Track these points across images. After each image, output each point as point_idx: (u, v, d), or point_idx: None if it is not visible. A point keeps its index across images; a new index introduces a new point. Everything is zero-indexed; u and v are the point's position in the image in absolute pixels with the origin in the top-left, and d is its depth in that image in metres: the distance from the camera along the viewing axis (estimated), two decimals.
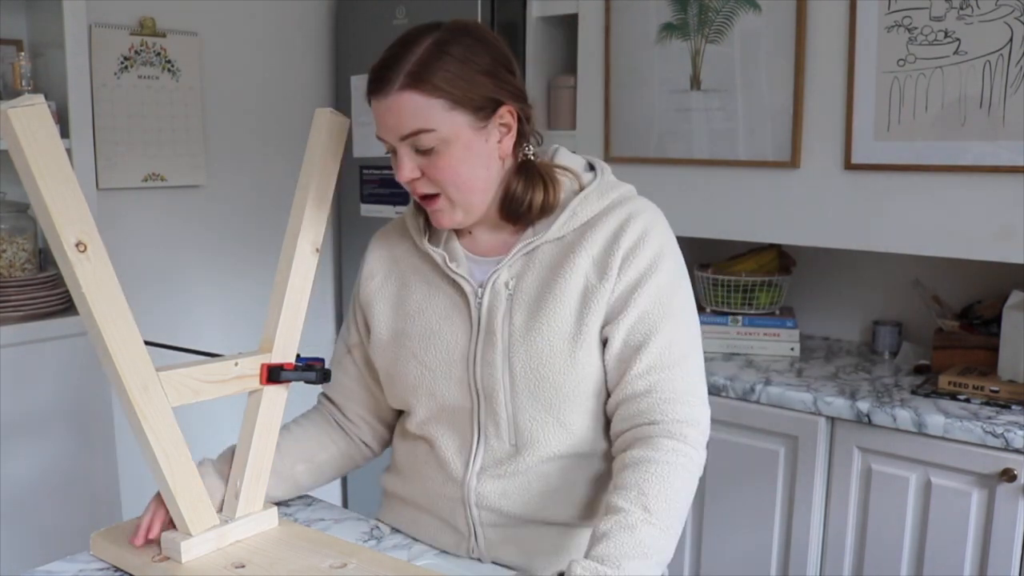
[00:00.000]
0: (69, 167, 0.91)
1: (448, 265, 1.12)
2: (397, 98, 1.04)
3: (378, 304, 1.20)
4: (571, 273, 1.08)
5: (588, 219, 1.10)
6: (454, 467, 1.13)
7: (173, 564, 1.04)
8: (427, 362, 1.13)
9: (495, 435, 1.10)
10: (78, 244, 0.92)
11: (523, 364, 1.07)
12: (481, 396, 1.10)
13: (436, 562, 1.11)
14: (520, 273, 1.10)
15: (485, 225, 1.15)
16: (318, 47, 2.74)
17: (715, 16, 1.95)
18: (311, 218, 1.12)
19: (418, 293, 1.16)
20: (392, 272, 1.21)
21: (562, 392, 1.07)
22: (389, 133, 1.06)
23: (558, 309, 1.07)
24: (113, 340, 0.96)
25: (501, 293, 1.10)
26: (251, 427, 1.12)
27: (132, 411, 0.98)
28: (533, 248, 1.10)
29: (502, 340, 1.08)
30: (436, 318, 1.13)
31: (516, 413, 1.09)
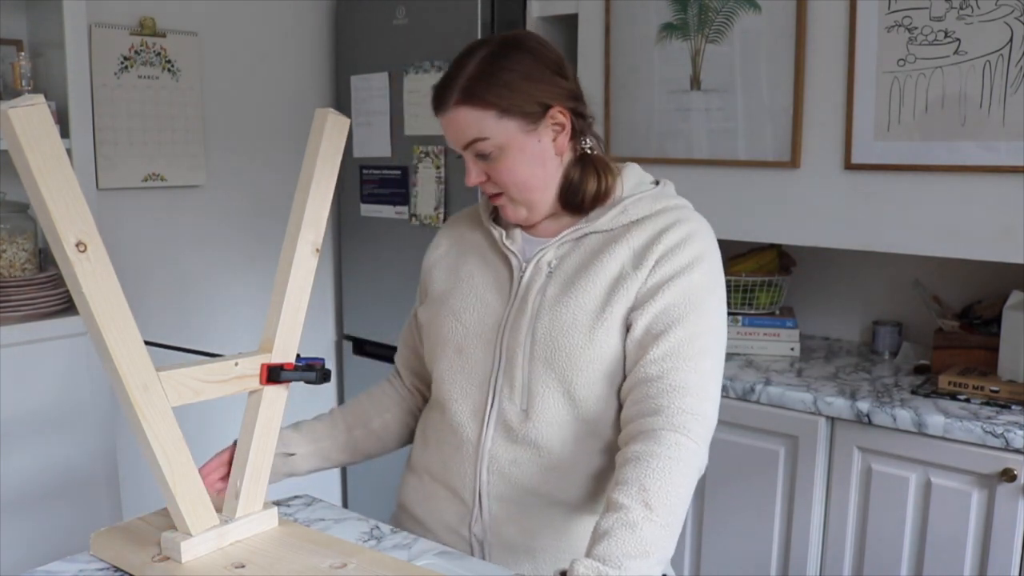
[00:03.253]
0: (69, 167, 0.91)
1: (503, 241, 1.22)
2: (454, 113, 1.15)
3: (436, 270, 1.31)
4: (609, 259, 1.15)
5: (638, 218, 1.18)
6: (469, 430, 1.19)
7: (173, 564, 1.04)
8: (464, 319, 1.22)
9: (508, 397, 1.16)
10: (78, 244, 0.92)
11: (545, 331, 1.14)
12: (503, 357, 1.17)
13: (436, 562, 1.11)
14: (565, 255, 1.19)
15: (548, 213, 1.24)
16: (318, 47, 2.74)
17: (715, 16, 1.95)
18: (311, 218, 1.12)
19: (472, 263, 1.27)
20: (455, 245, 1.32)
21: (575, 364, 1.12)
22: (452, 143, 1.19)
23: (589, 288, 1.14)
24: (113, 340, 0.96)
25: (543, 270, 1.19)
26: (251, 427, 1.12)
27: (132, 411, 0.98)
28: (582, 235, 1.19)
29: (532, 308, 1.16)
30: (482, 285, 1.23)
31: (531, 377, 1.15)
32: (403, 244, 2.56)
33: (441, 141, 2.40)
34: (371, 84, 2.58)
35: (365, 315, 2.73)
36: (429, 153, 2.43)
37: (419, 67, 2.43)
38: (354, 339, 2.78)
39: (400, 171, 2.53)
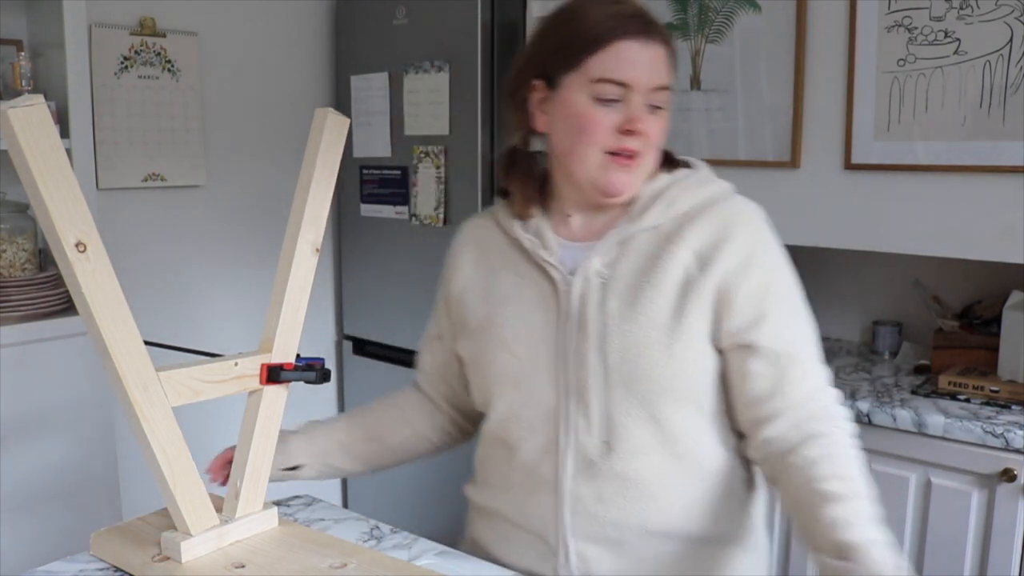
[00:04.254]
0: (69, 167, 0.91)
1: (538, 252, 1.11)
2: (661, 50, 1.05)
3: (468, 296, 1.18)
4: (670, 263, 1.05)
5: (686, 210, 1.08)
6: (543, 469, 1.08)
7: (173, 564, 1.04)
8: (516, 351, 1.10)
9: (585, 431, 1.06)
10: (78, 244, 0.92)
11: (618, 354, 1.04)
12: (571, 390, 1.06)
13: (436, 562, 1.11)
14: (614, 261, 1.07)
15: (583, 208, 1.13)
16: (318, 47, 2.74)
17: (715, 16, 1.95)
18: (311, 218, 1.12)
19: (507, 282, 1.14)
20: (481, 262, 1.19)
21: (658, 385, 1.03)
22: (643, 79, 1.03)
23: (656, 298, 1.04)
24: (113, 340, 0.96)
25: (593, 281, 1.07)
26: (251, 427, 1.12)
27: (132, 411, 0.98)
28: (628, 236, 1.08)
29: (595, 330, 1.05)
30: (526, 306, 1.11)
31: (609, 407, 1.05)
32: (403, 244, 2.56)
33: (441, 141, 2.40)
34: (371, 84, 2.58)
35: (365, 315, 2.73)
36: (429, 153, 2.43)
37: (419, 67, 2.43)
38: (354, 339, 2.78)
39: (400, 171, 2.53)
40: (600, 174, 1.06)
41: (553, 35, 1.09)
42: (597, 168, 1.06)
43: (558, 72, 1.07)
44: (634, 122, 1.04)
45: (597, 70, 1.03)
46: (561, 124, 1.08)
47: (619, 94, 1.03)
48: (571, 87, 1.05)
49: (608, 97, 1.04)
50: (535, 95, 1.10)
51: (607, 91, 1.03)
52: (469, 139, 2.32)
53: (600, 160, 1.05)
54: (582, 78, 1.04)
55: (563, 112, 1.07)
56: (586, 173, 1.07)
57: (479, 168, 2.31)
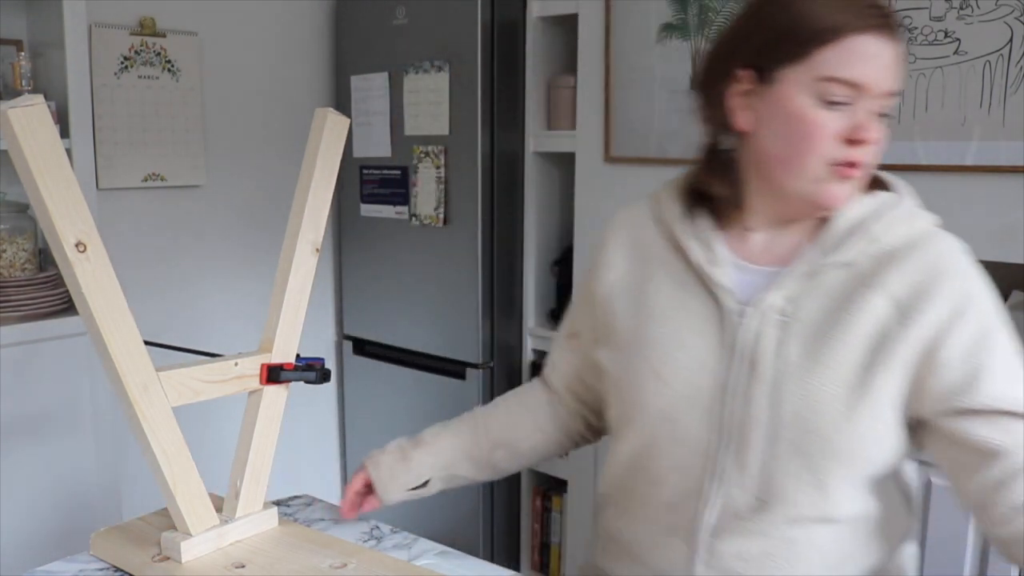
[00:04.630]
0: (69, 167, 0.91)
1: (708, 269, 0.98)
2: (897, 49, 0.91)
3: (618, 301, 1.05)
4: (863, 310, 0.91)
5: (889, 249, 0.94)
6: (684, 514, 0.98)
7: (173, 564, 1.04)
8: (669, 380, 0.97)
9: (737, 483, 0.94)
10: (78, 244, 0.92)
11: (793, 407, 0.91)
12: (730, 434, 0.94)
13: (436, 562, 1.11)
14: (798, 296, 0.94)
15: (770, 225, 0.99)
16: (318, 47, 2.74)
17: (715, 16, 1.95)
18: (311, 218, 1.12)
19: (664, 294, 1.01)
20: (635, 262, 1.05)
21: (831, 448, 0.90)
22: (878, 82, 0.89)
23: (843, 350, 0.91)
24: (113, 340, 0.96)
25: (771, 317, 0.94)
26: (251, 427, 1.12)
27: (132, 411, 0.98)
28: (818, 269, 0.94)
29: (770, 375, 0.92)
30: (684, 329, 0.98)
31: (771, 462, 0.92)
32: (403, 244, 2.56)
33: (441, 141, 2.40)
34: (371, 84, 2.58)
35: (365, 315, 2.73)
36: (429, 153, 2.43)
37: (419, 67, 2.43)
38: (354, 339, 2.78)
39: (400, 171, 2.53)
40: (817, 187, 0.93)
41: (772, 18, 0.93)
42: (815, 180, 0.93)
43: (775, 63, 0.92)
44: (863, 131, 0.90)
45: (827, 67, 0.89)
46: (774, 126, 0.93)
47: (849, 96, 0.90)
48: (791, 83, 0.91)
49: (836, 100, 0.90)
50: (738, 87, 0.95)
51: (836, 92, 0.89)
52: (469, 139, 2.33)
53: (821, 172, 0.92)
54: (806, 74, 0.90)
55: (778, 112, 0.92)
56: (801, 184, 0.93)
57: (479, 168, 2.31)
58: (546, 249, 2.44)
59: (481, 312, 2.38)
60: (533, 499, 2.47)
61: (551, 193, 2.43)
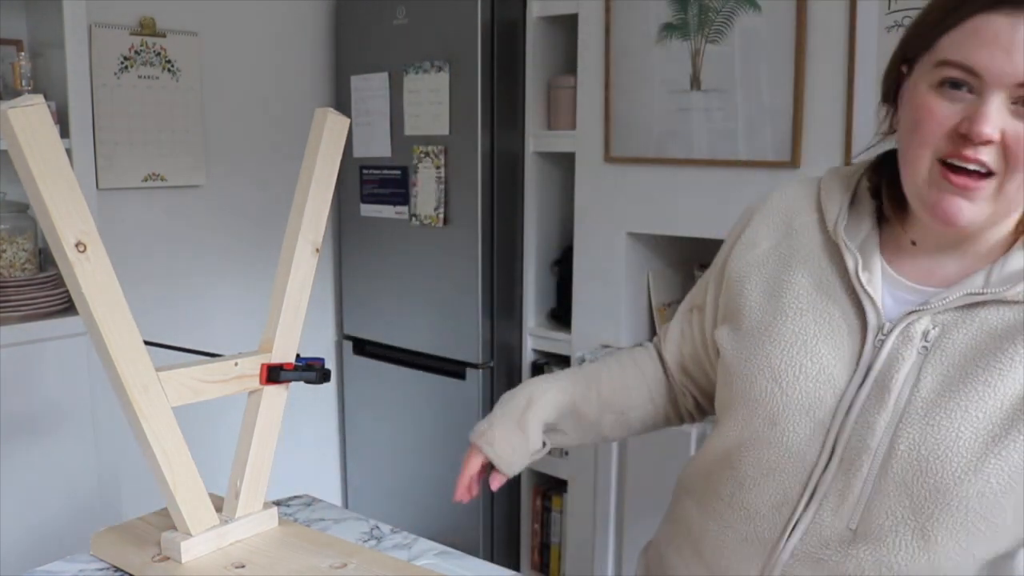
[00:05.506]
0: (69, 167, 0.91)
1: (859, 275, 0.89)
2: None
3: (751, 283, 0.97)
4: (1020, 356, 0.80)
5: None
6: (766, 527, 0.90)
7: (173, 564, 1.04)
8: (783, 382, 0.90)
9: (833, 509, 0.86)
10: (78, 244, 0.92)
11: (911, 444, 0.82)
12: (837, 455, 0.86)
13: (436, 562, 1.11)
14: (949, 326, 0.84)
15: (933, 240, 0.88)
16: (318, 47, 2.74)
17: (715, 16, 1.95)
18: (311, 218, 1.12)
19: (803, 288, 0.92)
20: (781, 246, 0.96)
21: (944, 499, 0.81)
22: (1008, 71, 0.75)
23: (987, 394, 0.80)
24: (113, 340, 0.96)
25: (914, 342, 0.84)
26: (251, 427, 1.12)
27: (132, 411, 0.98)
28: (979, 301, 0.83)
29: (896, 405, 0.84)
30: (816, 335, 0.90)
31: (874, 497, 0.84)
32: (403, 244, 2.56)
33: (441, 141, 2.40)
34: (371, 84, 2.58)
35: (365, 315, 2.73)
36: (429, 153, 2.43)
37: (419, 67, 2.43)
38: (354, 339, 2.78)
39: (400, 171, 2.53)
40: (928, 190, 0.82)
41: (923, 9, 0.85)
42: (926, 181, 0.82)
43: (915, 53, 0.84)
44: (975, 122, 0.77)
45: (944, 50, 0.80)
46: (903, 117, 0.86)
47: (969, 82, 0.78)
48: (920, 72, 0.83)
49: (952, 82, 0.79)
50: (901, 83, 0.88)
51: (949, 75, 0.79)
52: (469, 139, 2.33)
53: (931, 170, 0.82)
54: (930, 60, 0.81)
55: (906, 102, 0.85)
56: (913, 186, 0.84)
57: (479, 168, 2.31)
58: (546, 249, 2.44)
59: (481, 312, 2.38)
60: (533, 499, 2.47)
61: (551, 193, 2.43)
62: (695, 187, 2.02)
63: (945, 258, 0.88)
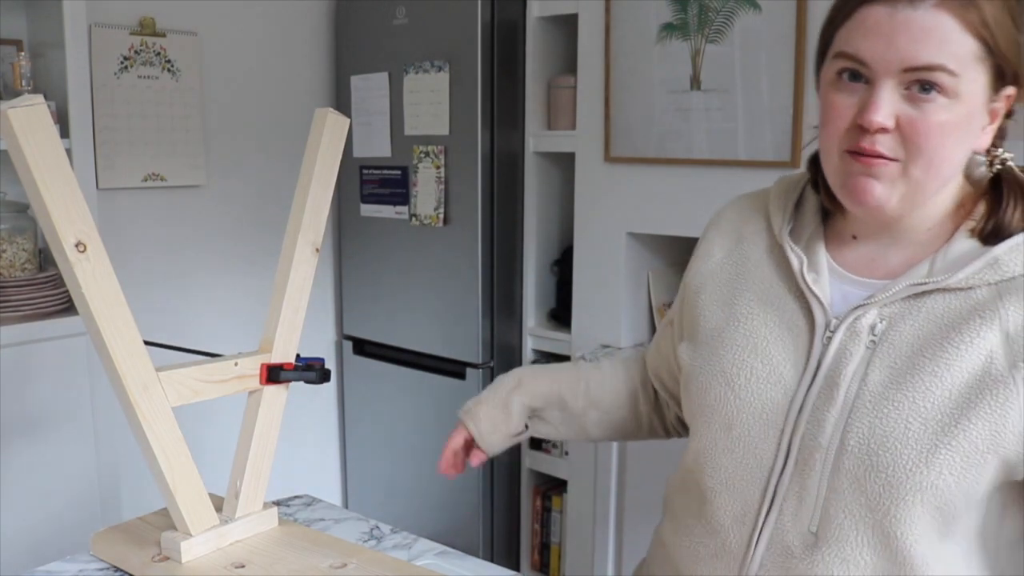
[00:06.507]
0: (69, 167, 0.91)
1: (804, 276, 0.90)
2: (931, 16, 0.76)
3: (706, 293, 0.98)
4: (970, 344, 0.80)
5: (1013, 276, 0.81)
6: (732, 539, 0.90)
7: (173, 564, 1.04)
8: (736, 386, 0.90)
9: (793, 513, 0.86)
10: (78, 244, 0.92)
11: (861, 439, 0.82)
12: (792, 456, 0.86)
13: (436, 562, 1.11)
14: (895, 318, 0.84)
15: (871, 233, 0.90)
16: (318, 47, 2.74)
17: (715, 16, 1.95)
18: (311, 218, 1.12)
19: (752, 293, 0.94)
20: (733, 256, 0.98)
21: (897, 492, 0.80)
22: (891, 57, 0.78)
23: (935, 384, 0.80)
24: (113, 340, 0.96)
25: (862, 337, 0.85)
26: (251, 427, 1.12)
27: (132, 411, 0.98)
28: (924, 291, 0.83)
29: (845, 398, 0.84)
30: (764, 336, 0.91)
31: (830, 495, 0.84)
32: (403, 244, 2.56)
33: (441, 141, 2.40)
34: (371, 84, 2.58)
35: (365, 315, 2.73)
36: (429, 153, 2.43)
37: (419, 67, 2.43)
38: (354, 339, 2.78)
39: (400, 171, 2.53)
40: (840, 176, 0.85)
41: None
42: (837, 169, 0.85)
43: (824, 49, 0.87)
44: (865, 111, 0.79)
45: (839, 43, 0.83)
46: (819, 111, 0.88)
47: (862, 73, 0.81)
48: (825, 66, 0.86)
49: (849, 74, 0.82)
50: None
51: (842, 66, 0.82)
52: (469, 139, 2.33)
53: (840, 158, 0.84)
54: (831, 55, 0.85)
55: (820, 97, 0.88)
56: (830, 173, 0.87)
57: (479, 168, 2.31)
58: (546, 249, 2.44)
59: (481, 312, 2.38)
60: (533, 499, 2.47)
61: (551, 193, 2.43)
62: (695, 187, 2.02)
63: (887, 250, 0.89)
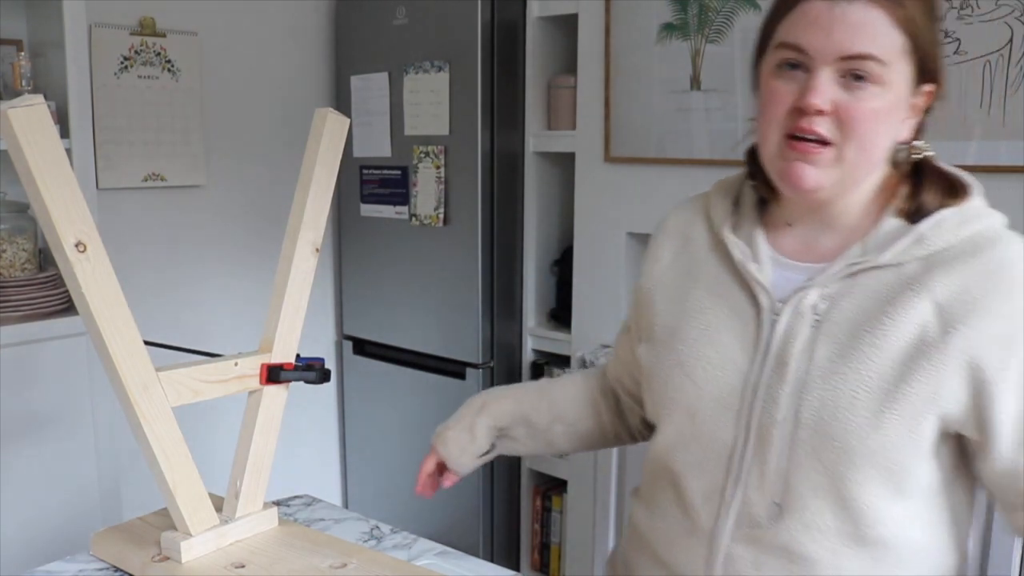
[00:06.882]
0: (69, 167, 0.91)
1: (747, 265, 0.96)
2: (864, 11, 0.84)
3: (659, 293, 1.04)
4: (904, 315, 0.86)
5: (938, 250, 0.88)
6: (702, 516, 0.96)
7: (173, 564, 1.04)
8: (695, 376, 0.96)
9: (757, 486, 0.92)
10: (78, 244, 0.92)
11: (814, 411, 0.88)
12: (751, 434, 0.92)
13: (436, 562, 1.11)
14: (836, 297, 0.90)
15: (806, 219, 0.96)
16: (318, 47, 2.74)
17: (715, 16, 1.95)
18: (311, 218, 1.12)
19: (703, 290, 0.99)
20: (680, 257, 1.04)
21: (850, 456, 0.86)
22: (829, 46, 0.85)
23: (876, 355, 0.86)
24: (113, 340, 0.96)
25: (806, 316, 0.91)
26: (251, 427, 1.12)
27: (132, 411, 0.98)
28: (859, 270, 0.90)
29: (795, 376, 0.90)
30: (718, 327, 0.96)
31: (789, 466, 0.89)
32: (403, 244, 2.56)
33: (441, 141, 2.40)
34: (371, 84, 2.58)
35: (365, 315, 2.73)
36: (429, 153, 2.43)
37: (419, 67, 2.43)
38: (354, 339, 2.78)
39: (400, 171, 2.53)
40: (778, 162, 0.91)
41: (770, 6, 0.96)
42: (775, 155, 0.91)
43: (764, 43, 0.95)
44: (805, 95, 0.86)
45: (780, 35, 0.90)
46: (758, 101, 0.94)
47: (800, 61, 0.88)
48: (766, 58, 0.93)
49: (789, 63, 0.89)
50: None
51: (783, 56, 0.89)
52: (469, 139, 2.33)
53: (779, 144, 0.90)
54: (771, 46, 0.92)
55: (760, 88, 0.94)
56: (768, 159, 0.93)
57: (479, 168, 2.31)
58: (546, 249, 2.44)
59: (481, 312, 2.38)
60: (533, 499, 2.47)
61: (551, 193, 2.43)
62: (695, 187, 2.01)
63: (821, 235, 0.95)
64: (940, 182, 0.93)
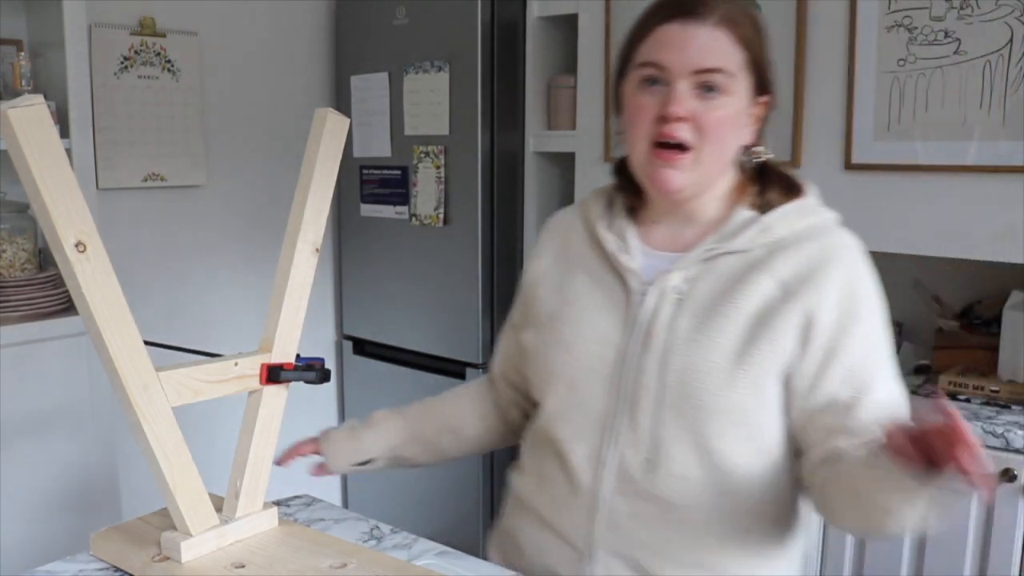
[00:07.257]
0: (69, 167, 0.91)
1: (619, 256, 1.08)
2: (711, 31, 0.99)
3: (542, 286, 1.17)
4: (751, 291, 1.01)
5: (780, 237, 1.04)
6: (584, 476, 1.07)
7: (173, 564, 1.04)
8: (575, 352, 1.08)
9: (630, 444, 1.04)
10: (78, 244, 0.92)
11: (676, 374, 1.01)
12: (624, 400, 1.04)
13: (436, 562, 1.11)
14: (694, 279, 1.04)
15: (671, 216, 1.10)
16: (318, 47, 2.74)
17: None
18: (311, 218, 1.12)
19: (580, 280, 1.12)
20: (561, 256, 1.17)
21: (709, 413, 1.00)
22: (684, 62, 0.99)
23: (727, 325, 1.00)
24: (113, 340, 0.96)
25: (669, 295, 1.04)
26: (251, 427, 1.12)
27: (132, 411, 0.98)
28: (714, 256, 1.05)
29: (659, 345, 1.03)
30: (594, 308, 1.09)
31: (658, 425, 1.02)
32: (403, 244, 2.56)
33: (441, 141, 2.40)
34: (371, 84, 2.58)
35: (365, 315, 2.73)
36: (429, 153, 2.43)
37: (419, 67, 2.43)
38: (354, 339, 2.78)
39: (400, 171, 2.53)
40: (646, 168, 1.04)
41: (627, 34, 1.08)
42: (643, 162, 1.04)
43: (625, 65, 1.06)
44: (667, 105, 0.99)
45: (641, 55, 1.02)
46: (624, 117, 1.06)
47: (659, 77, 1.00)
48: (628, 77, 1.05)
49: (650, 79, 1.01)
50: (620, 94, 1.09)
51: (645, 73, 1.01)
52: (469, 139, 2.33)
53: (646, 152, 1.02)
54: (633, 66, 1.04)
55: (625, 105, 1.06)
56: (637, 165, 1.05)
57: (479, 168, 2.31)
58: None
59: (481, 312, 2.38)
60: None
61: (551, 193, 2.43)
62: None
63: (683, 229, 1.09)
64: (780, 182, 1.08)
